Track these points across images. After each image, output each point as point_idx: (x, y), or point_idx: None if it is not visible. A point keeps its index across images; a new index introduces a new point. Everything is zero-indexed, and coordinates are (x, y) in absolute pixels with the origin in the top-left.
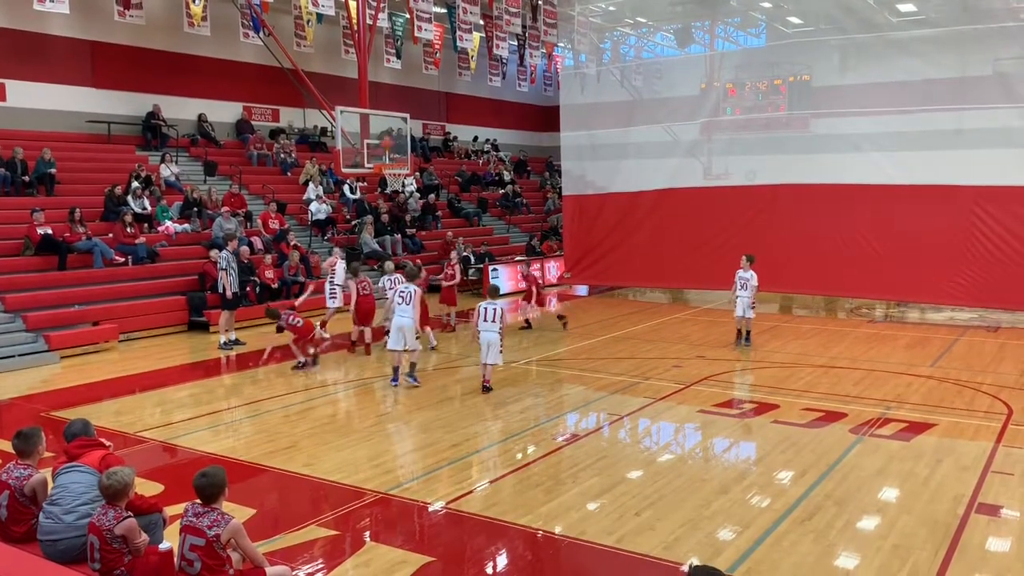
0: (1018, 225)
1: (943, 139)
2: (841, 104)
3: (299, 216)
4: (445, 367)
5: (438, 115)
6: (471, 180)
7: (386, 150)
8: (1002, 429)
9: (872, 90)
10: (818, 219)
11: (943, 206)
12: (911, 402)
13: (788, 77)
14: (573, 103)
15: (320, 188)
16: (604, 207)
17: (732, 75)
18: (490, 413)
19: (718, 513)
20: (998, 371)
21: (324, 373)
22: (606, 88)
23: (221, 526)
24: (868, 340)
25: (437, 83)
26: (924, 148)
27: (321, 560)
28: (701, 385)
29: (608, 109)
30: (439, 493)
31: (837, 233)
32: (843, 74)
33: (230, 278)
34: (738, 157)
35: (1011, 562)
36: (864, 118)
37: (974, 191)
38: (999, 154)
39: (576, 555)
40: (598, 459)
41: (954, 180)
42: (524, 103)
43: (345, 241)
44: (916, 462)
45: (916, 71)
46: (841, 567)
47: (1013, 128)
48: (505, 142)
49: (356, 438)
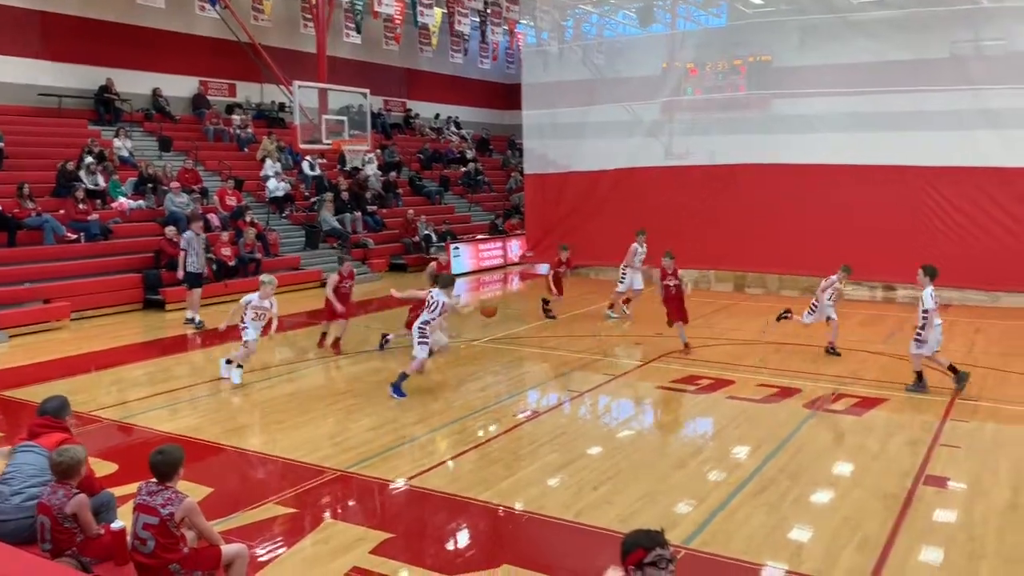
0: (969, 205)
1: (900, 120)
2: (800, 85)
3: (257, 193)
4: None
5: (399, 91)
6: (433, 158)
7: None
8: (950, 404)
9: (831, 71)
10: (777, 199)
11: (898, 186)
12: (864, 378)
13: (748, 57)
14: (535, 81)
15: (278, 164)
16: (566, 186)
17: (693, 55)
18: (451, 391)
19: (675, 487)
20: (947, 348)
21: (286, 352)
22: (568, 66)
23: (175, 505)
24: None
25: (398, 59)
26: (881, 129)
27: (279, 537)
28: (659, 362)
29: (570, 87)
30: (399, 470)
31: (795, 213)
32: (802, 55)
33: (190, 258)
34: (699, 137)
35: (955, 532)
36: (823, 99)
37: (929, 172)
38: (953, 136)
39: (535, 530)
40: (558, 435)
41: (910, 161)
42: (486, 80)
43: (304, 219)
44: (867, 436)
45: (874, 53)
46: (793, 539)
47: (967, 111)
48: (467, 120)
49: (316, 416)
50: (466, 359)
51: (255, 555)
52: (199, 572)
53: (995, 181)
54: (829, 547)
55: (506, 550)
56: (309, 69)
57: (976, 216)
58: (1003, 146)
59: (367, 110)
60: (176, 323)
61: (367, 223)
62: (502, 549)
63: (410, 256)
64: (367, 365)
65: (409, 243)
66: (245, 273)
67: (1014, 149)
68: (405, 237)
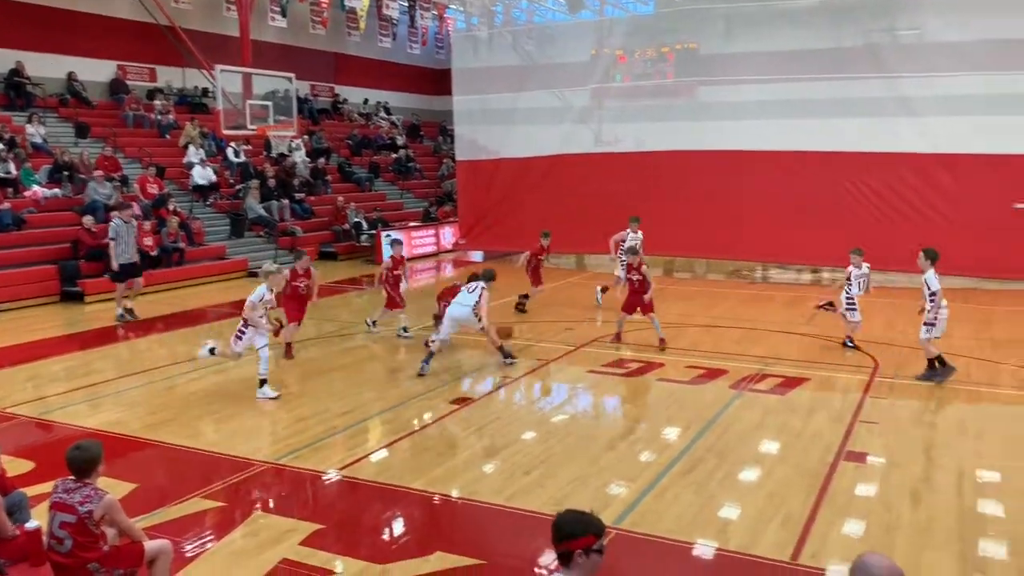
0: (887, 190)
1: (822, 108)
2: (726, 72)
3: (179, 181)
4: (336, 335)
5: (326, 76)
6: (362, 144)
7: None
8: (869, 381)
9: (756, 59)
10: (704, 185)
11: (821, 172)
12: (787, 358)
13: (676, 45)
14: (465, 67)
15: (202, 151)
16: (497, 172)
17: (621, 42)
18: (382, 380)
19: (605, 469)
20: (867, 327)
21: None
22: (498, 52)
23: (94, 502)
24: (748, 300)
25: (325, 43)
26: (804, 116)
27: (206, 532)
28: (591, 347)
29: (500, 73)
30: (330, 461)
31: (722, 199)
32: (728, 43)
33: (119, 248)
34: (628, 124)
35: (874, 505)
36: (748, 86)
37: (849, 157)
38: (871, 123)
39: (467, 515)
40: (491, 421)
41: (832, 147)
42: (416, 65)
43: (229, 207)
44: (791, 415)
45: (797, 41)
46: (720, 516)
47: (883, 97)
48: (397, 105)
49: (244, 408)
50: (399, 347)
51: (182, 550)
52: (120, 570)
53: (910, 166)
54: (754, 524)
55: (439, 537)
56: (233, 53)
57: (893, 200)
58: (917, 133)
59: (293, 95)
60: (97, 315)
61: (295, 211)
62: (435, 536)
63: (340, 244)
64: (298, 356)
65: (339, 231)
66: (168, 263)
67: (927, 136)
68: (335, 225)
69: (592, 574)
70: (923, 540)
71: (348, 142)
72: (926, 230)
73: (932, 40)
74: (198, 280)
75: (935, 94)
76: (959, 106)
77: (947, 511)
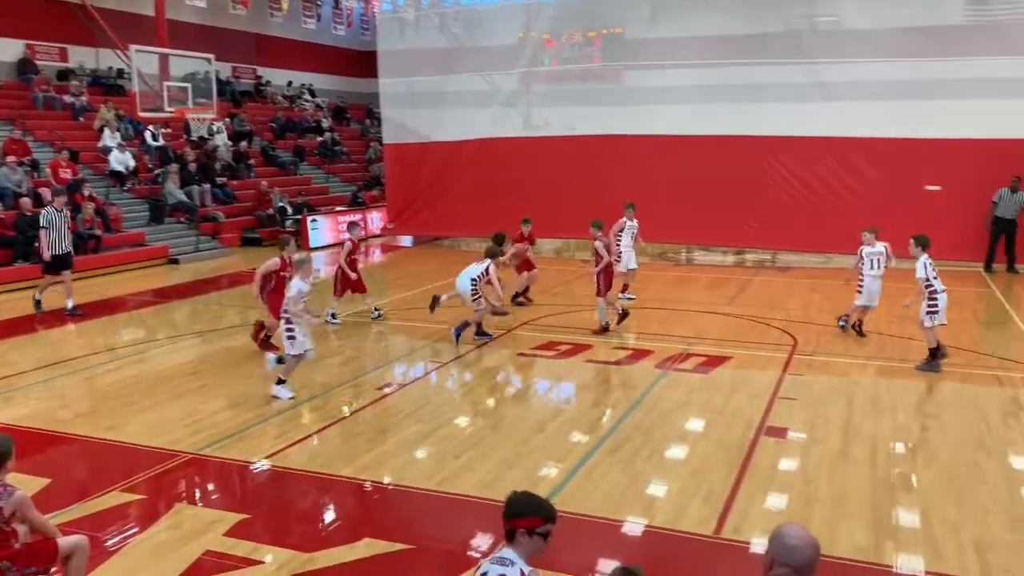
0: (805, 173)
1: (742, 92)
2: (651, 57)
3: (95, 165)
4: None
5: (249, 58)
6: (286, 127)
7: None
8: (788, 359)
9: (680, 44)
10: (630, 169)
11: (741, 156)
12: (710, 338)
13: (602, 29)
14: (391, 49)
15: (118, 135)
16: (426, 156)
17: (549, 26)
18: (309, 367)
19: (535, 450)
20: (786, 307)
21: (133, 332)
22: (425, 34)
23: (3, 499)
24: (673, 282)
25: (246, 23)
26: (726, 101)
27: (127, 526)
28: (521, 330)
29: (428, 56)
30: (256, 450)
31: (648, 182)
32: (653, 28)
33: (51, 237)
34: (556, 108)
35: (793, 478)
36: (672, 71)
37: (768, 141)
38: (789, 107)
39: (396, 501)
40: (420, 406)
41: (751, 131)
42: (341, 47)
43: (148, 192)
44: (714, 392)
45: (719, 27)
46: (646, 493)
47: (802, 83)
48: (322, 87)
49: (165, 398)
50: (326, 335)
51: (103, 545)
52: (33, 568)
53: (826, 150)
54: (679, 500)
55: (367, 523)
56: (149, 33)
57: (811, 183)
58: (833, 117)
59: (212, 77)
60: (7, 306)
61: (216, 196)
62: (363, 523)
63: (264, 230)
64: (220, 344)
65: (263, 216)
66: (84, 251)
67: (844, 120)
68: (258, 210)
69: (534, 556)
70: (839, 511)
71: (272, 125)
72: (844, 212)
73: (849, 27)
74: (116, 268)
75: (851, 80)
76: (873, 92)
77: (861, 483)
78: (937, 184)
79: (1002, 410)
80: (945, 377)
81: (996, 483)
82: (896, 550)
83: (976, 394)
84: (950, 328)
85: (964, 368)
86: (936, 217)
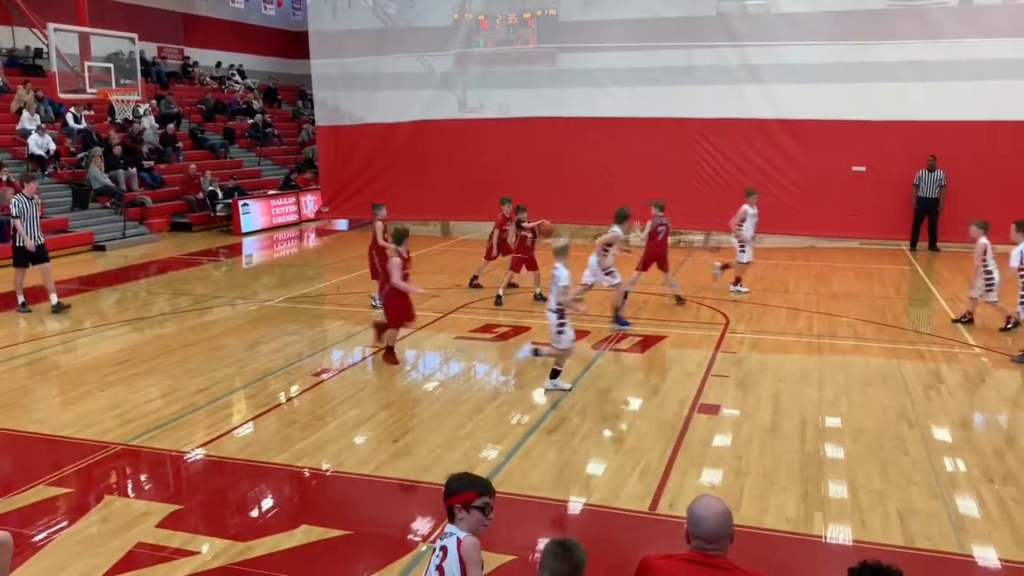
0: (735, 154)
1: (675, 75)
2: (585, 39)
3: (13, 148)
4: (191, 309)
5: (175, 38)
6: (216, 109)
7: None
8: (720, 337)
9: (612, 26)
10: (566, 151)
11: (675, 138)
12: (645, 317)
13: (536, 11)
14: (323, 29)
15: (37, 117)
16: (360, 138)
17: (483, 7)
18: (240, 355)
19: (473, 432)
20: (718, 286)
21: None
22: (357, 14)
23: None
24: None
25: (172, 3)
26: (658, 83)
27: (55, 520)
28: (458, 313)
29: (360, 37)
30: (189, 439)
31: (583, 164)
32: (586, 10)
33: (25, 227)
34: (491, 90)
35: (725, 454)
36: (605, 53)
37: (700, 123)
38: (721, 89)
39: (333, 487)
40: (357, 391)
41: (684, 113)
42: (272, 27)
43: (71, 176)
44: (649, 371)
45: (651, 10)
46: (583, 472)
47: (732, 65)
48: (252, 68)
49: (94, 388)
50: (259, 320)
51: (30, 541)
52: None
53: (757, 131)
54: (615, 477)
55: (305, 510)
56: (69, 11)
57: (741, 164)
58: (763, 99)
59: (136, 57)
60: None
61: (144, 180)
62: (300, 510)
63: (194, 215)
64: (149, 332)
65: (192, 200)
66: (2, 239)
67: (773, 102)
68: (187, 194)
69: (479, 531)
70: (769, 484)
71: (200, 107)
72: (773, 193)
73: (777, 11)
74: None
75: (780, 62)
76: (801, 74)
77: (791, 456)
78: (862, 165)
79: (923, 383)
80: (870, 352)
81: (918, 453)
82: (825, 521)
83: (900, 368)
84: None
85: (889, 343)
86: (862, 197)
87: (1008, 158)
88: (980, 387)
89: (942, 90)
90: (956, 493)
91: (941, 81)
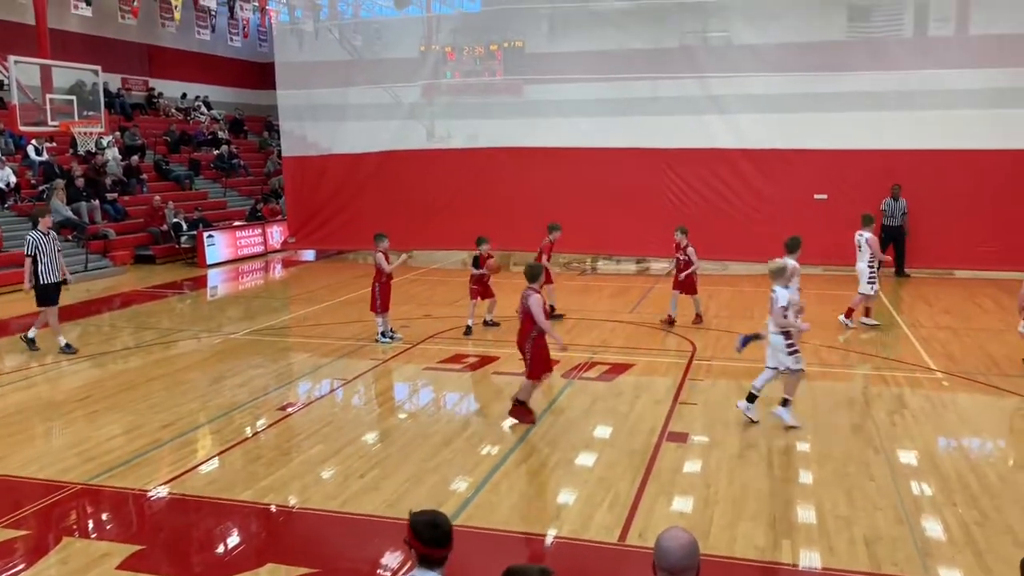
0: (700, 184)
1: (640, 106)
2: (552, 71)
3: None
4: (156, 343)
5: (139, 69)
6: (181, 140)
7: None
8: (688, 365)
9: (578, 58)
10: (533, 181)
11: (641, 168)
12: (614, 346)
13: (503, 43)
14: (290, 61)
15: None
16: (327, 169)
17: (450, 39)
18: (205, 389)
19: (442, 465)
20: (685, 314)
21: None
22: (324, 46)
23: None
24: (578, 291)
25: (136, 34)
26: (624, 114)
27: (11, 563)
28: (427, 343)
29: (327, 68)
30: (152, 477)
31: (550, 194)
32: (553, 42)
33: (42, 266)
34: (459, 120)
35: (695, 480)
36: (571, 85)
37: (666, 153)
38: (685, 120)
39: (299, 524)
40: (324, 425)
41: (650, 144)
42: (238, 59)
43: (32, 209)
44: (618, 400)
45: (617, 41)
46: (553, 503)
47: (696, 96)
48: (218, 99)
49: (53, 426)
50: (224, 353)
51: None
52: None
53: (720, 161)
54: (584, 508)
55: (270, 548)
56: (30, 42)
57: (705, 193)
58: (727, 129)
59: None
60: None
61: (107, 212)
62: (266, 548)
63: (158, 247)
64: (112, 367)
65: (157, 232)
66: None
67: (735, 132)
68: (152, 226)
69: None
70: (738, 511)
71: (165, 138)
72: (738, 221)
73: (739, 43)
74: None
75: (741, 93)
76: (763, 104)
77: (760, 483)
78: (824, 193)
79: (888, 408)
80: (835, 378)
81: (883, 478)
82: (793, 548)
83: (865, 393)
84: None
85: (853, 369)
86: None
87: (962, 185)
88: (943, 411)
89: (899, 119)
90: (921, 517)
91: (897, 111)
